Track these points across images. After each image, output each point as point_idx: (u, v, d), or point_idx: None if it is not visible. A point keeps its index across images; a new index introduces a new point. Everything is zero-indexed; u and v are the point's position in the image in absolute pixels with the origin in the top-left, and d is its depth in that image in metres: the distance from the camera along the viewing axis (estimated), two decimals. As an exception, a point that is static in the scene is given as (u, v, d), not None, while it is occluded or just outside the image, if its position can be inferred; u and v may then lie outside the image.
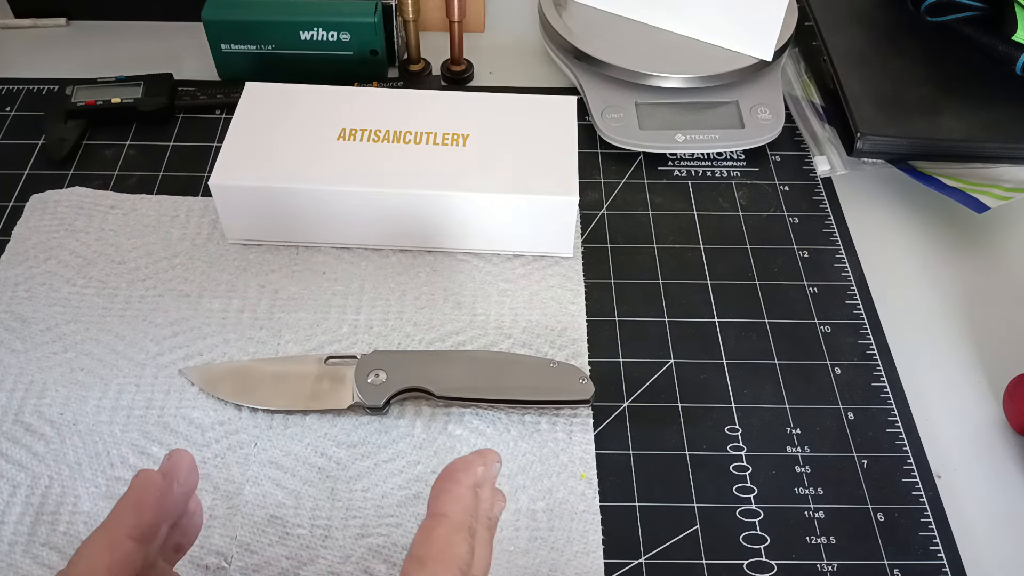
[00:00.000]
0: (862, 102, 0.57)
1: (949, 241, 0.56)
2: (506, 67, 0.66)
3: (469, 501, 0.30)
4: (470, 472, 0.31)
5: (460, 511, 0.30)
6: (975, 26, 0.61)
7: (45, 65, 0.65)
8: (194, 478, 0.32)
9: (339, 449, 0.44)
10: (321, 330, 0.48)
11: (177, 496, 0.32)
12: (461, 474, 0.31)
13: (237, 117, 0.51)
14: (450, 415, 0.45)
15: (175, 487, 0.31)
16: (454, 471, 0.31)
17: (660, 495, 0.43)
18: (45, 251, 0.51)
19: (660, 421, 0.46)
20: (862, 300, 0.51)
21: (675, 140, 0.58)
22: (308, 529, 0.41)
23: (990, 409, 0.47)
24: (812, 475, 0.44)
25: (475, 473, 0.31)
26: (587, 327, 0.49)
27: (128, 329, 0.48)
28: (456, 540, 0.29)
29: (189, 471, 0.32)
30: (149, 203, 0.54)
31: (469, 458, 0.32)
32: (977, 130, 0.56)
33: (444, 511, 0.30)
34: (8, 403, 0.45)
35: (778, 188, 0.57)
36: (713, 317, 0.50)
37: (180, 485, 0.32)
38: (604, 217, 0.55)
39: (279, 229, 0.51)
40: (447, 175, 0.49)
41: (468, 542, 0.29)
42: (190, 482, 0.32)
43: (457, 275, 0.51)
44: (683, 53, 0.61)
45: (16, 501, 0.41)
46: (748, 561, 0.41)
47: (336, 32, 0.60)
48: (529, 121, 0.52)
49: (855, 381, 0.47)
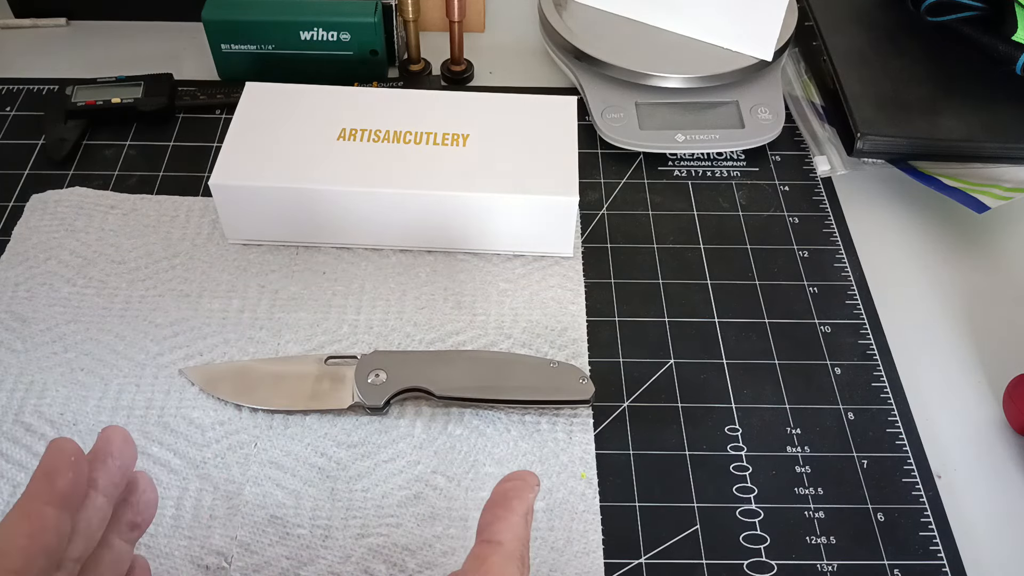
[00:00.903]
0: (862, 102, 0.57)
1: (949, 241, 0.56)
2: (506, 67, 0.66)
3: (522, 530, 0.30)
4: (523, 499, 0.31)
5: (513, 539, 0.30)
6: (975, 26, 0.61)
7: (45, 65, 0.65)
8: (129, 450, 0.32)
9: (339, 449, 0.44)
10: (321, 330, 0.48)
11: (112, 469, 0.32)
12: (516, 502, 0.31)
13: (237, 117, 0.51)
14: (450, 415, 0.45)
15: (109, 461, 0.31)
16: (508, 499, 0.31)
17: (660, 495, 0.43)
18: (45, 251, 0.51)
19: (660, 421, 0.46)
20: (862, 300, 0.51)
21: (675, 140, 0.58)
22: (308, 529, 0.41)
23: (990, 409, 0.47)
24: (812, 475, 0.44)
25: (527, 500, 0.31)
26: (587, 327, 0.49)
27: (128, 329, 0.48)
28: (511, 569, 0.29)
29: (123, 443, 0.32)
30: (149, 203, 0.54)
31: (519, 485, 0.31)
32: (977, 130, 0.56)
33: (499, 539, 0.29)
34: (8, 403, 0.45)
35: (778, 188, 0.57)
36: (713, 317, 0.50)
37: (114, 458, 0.32)
38: (604, 217, 0.55)
39: (279, 229, 0.51)
40: (447, 175, 0.49)
41: (520, 570, 0.29)
42: (125, 454, 0.32)
43: (457, 275, 0.51)
44: (683, 53, 0.61)
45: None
46: (748, 561, 0.41)
47: (336, 32, 0.60)
48: (529, 121, 0.52)
49: (855, 381, 0.47)
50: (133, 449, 0.33)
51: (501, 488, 0.31)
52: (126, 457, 0.32)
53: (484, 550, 0.29)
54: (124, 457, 0.32)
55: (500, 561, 0.29)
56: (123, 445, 0.32)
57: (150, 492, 0.34)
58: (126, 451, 0.32)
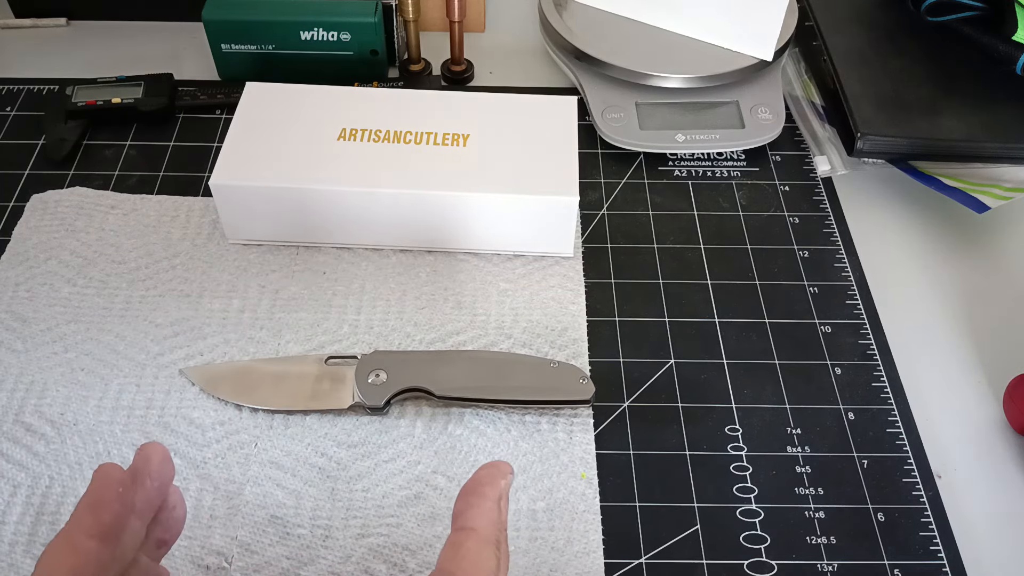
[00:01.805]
0: (862, 102, 0.57)
1: (949, 241, 0.56)
2: (506, 67, 0.66)
3: (495, 515, 0.30)
4: (495, 486, 0.31)
5: (488, 525, 0.30)
6: (975, 26, 0.61)
7: (45, 65, 0.65)
8: (168, 470, 0.32)
9: (339, 449, 0.44)
10: (321, 330, 0.48)
11: (150, 491, 0.31)
12: (487, 488, 0.31)
13: (237, 117, 0.51)
14: (450, 415, 0.45)
15: (147, 483, 0.31)
16: (480, 485, 0.31)
17: (660, 495, 0.43)
18: (45, 251, 0.51)
19: (660, 421, 0.46)
20: (862, 300, 0.51)
21: (675, 140, 0.58)
22: (308, 529, 0.41)
23: (990, 409, 0.47)
24: (812, 475, 0.44)
25: (499, 486, 0.31)
26: (587, 327, 0.49)
27: (128, 329, 0.48)
28: (486, 554, 0.29)
29: (162, 464, 0.32)
30: (149, 203, 0.54)
31: (492, 471, 0.32)
32: (977, 130, 0.56)
33: (472, 525, 0.30)
34: (8, 403, 0.45)
35: (778, 188, 0.58)
36: (713, 317, 0.50)
37: (153, 479, 0.31)
38: (604, 217, 0.55)
39: (279, 229, 0.51)
40: (447, 175, 0.49)
41: (496, 556, 0.29)
42: (163, 475, 0.32)
43: (457, 275, 0.51)
44: (683, 53, 0.61)
45: (16, 501, 0.41)
46: (748, 561, 0.41)
47: (336, 32, 0.60)
48: (529, 121, 0.52)
49: (855, 381, 0.47)
50: (171, 468, 0.32)
51: (474, 477, 0.32)
52: (164, 477, 0.32)
53: (459, 537, 0.29)
54: (162, 478, 0.32)
55: (475, 547, 0.29)
56: (162, 465, 0.32)
57: (180, 508, 0.34)
58: (164, 471, 0.32)
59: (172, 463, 0.32)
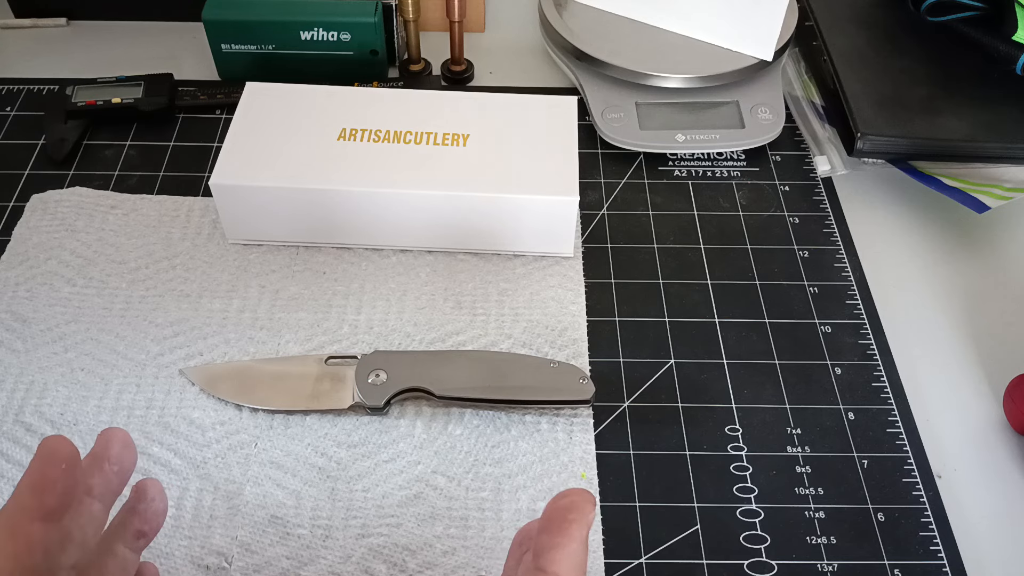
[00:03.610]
0: (862, 102, 0.57)
1: (949, 241, 0.56)
2: (506, 67, 0.66)
3: (582, 559, 0.27)
4: (583, 524, 0.28)
5: (571, 570, 0.27)
6: (975, 26, 0.61)
7: (45, 65, 0.65)
8: (129, 455, 0.31)
9: (339, 449, 0.44)
10: (321, 330, 0.48)
11: (109, 475, 0.30)
12: (575, 529, 0.27)
13: (237, 117, 0.51)
14: (450, 415, 0.45)
15: (106, 466, 0.30)
16: (568, 524, 0.28)
17: (660, 495, 0.43)
18: (46, 251, 0.51)
19: (660, 421, 0.46)
20: (862, 300, 0.51)
21: (675, 140, 0.58)
22: (308, 529, 0.41)
23: (990, 409, 0.47)
24: (812, 475, 0.44)
25: (588, 525, 0.28)
26: (587, 327, 0.49)
27: (128, 329, 0.48)
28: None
29: (123, 448, 0.31)
30: (149, 203, 0.54)
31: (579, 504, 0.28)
32: (977, 130, 0.56)
33: (556, 570, 0.27)
34: (8, 403, 0.45)
35: (778, 188, 0.58)
36: (713, 317, 0.50)
37: (112, 463, 0.30)
38: (604, 217, 0.55)
39: (279, 229, 0.51)
40: (447, 175, 0.49)
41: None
42: (123, 460, 0.31)
43: (457, 275, 0.51)
44: (683, 53, 0.61)
45: (17, 501, 0.41)
46: (748, 561, 0.41)
47: (336, 32, 0.60)
48: (529, 121, 0.52)
49: (855, 381, 0.47)
50: (133, 453, 0.31)
51: (557, 507, 0.28)
52: (125, 462, 0.31)
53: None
54: (123, 462, 0.31)
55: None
56: (122, 450, 0.31)
57: (159, 501, 0.33)
58: (125, 456, 0.31)
59: (134, 447, 0.31)
